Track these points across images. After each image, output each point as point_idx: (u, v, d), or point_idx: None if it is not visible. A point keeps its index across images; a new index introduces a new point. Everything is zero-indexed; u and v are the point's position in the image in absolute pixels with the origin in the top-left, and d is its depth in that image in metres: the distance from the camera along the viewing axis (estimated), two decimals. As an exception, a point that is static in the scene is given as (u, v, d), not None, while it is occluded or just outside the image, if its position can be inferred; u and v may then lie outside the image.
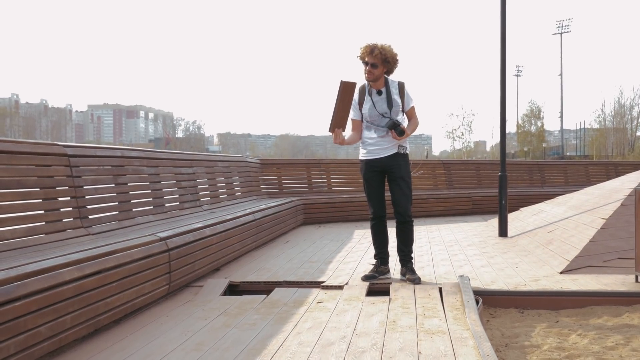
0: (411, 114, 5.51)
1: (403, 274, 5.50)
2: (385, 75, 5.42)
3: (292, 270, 6.04)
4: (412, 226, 5.56)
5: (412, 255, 5.61)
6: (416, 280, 5.30)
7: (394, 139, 5.33)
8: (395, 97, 5.39)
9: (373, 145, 5.47)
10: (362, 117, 5.49)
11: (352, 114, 5.48)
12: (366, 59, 5.30)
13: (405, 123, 5.49)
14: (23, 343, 3.06)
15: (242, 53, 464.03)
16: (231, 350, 3.55)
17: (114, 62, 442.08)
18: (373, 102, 5.37)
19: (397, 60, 5.39)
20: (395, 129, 5.27)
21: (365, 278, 5.46)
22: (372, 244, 5.82)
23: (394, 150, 5.42)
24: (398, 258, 5.64)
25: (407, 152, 5.54)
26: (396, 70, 5.44)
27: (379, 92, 5.38)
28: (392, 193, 5.52)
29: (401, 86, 5.45)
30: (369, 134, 5.48)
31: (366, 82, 5.43)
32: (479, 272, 5.85)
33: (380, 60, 5.27)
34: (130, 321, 4.25)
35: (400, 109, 5.42)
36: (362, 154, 5.57)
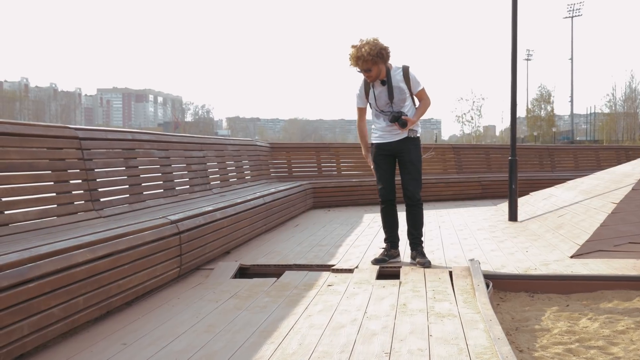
0: (421, 96, 5.47)
1: (413, 257, 5.51)
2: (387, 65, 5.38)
3: (302, 254, 6.06)
4: (421, 209, 5.55)
5: (422, 238, 5.61)
6: (426, 264, 5.31)
7: (400, 130, 5.33)
8: (400, 84, 5.35)
9: (383, 129, 5.48)
10: (367, 105, 5.53)
11: (359, 102, 5.53)
12: (359, 68, 5.25)
13: (416, 105, 5.49)
14: (36, 324, 3.09)
15: (251, 37, 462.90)
16: (242, 332, 3.57)
17: (124, 46, 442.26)
18: (375, 93, 5.38)
19: (388, 51, 5.25)
20: (398, 121, 5.26)
21: (376, 261, 5.47)
22: (382, 228, 5.82)
23: (404, 135, 5.42)
24: (408, 242, 5.64)
25: (418, 135, 5.52)
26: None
27: (382, 82, 5.35)
28: (401, 176, 5.53)
29: (405, 71, 5.38)
30: (378, 122, 5.52)
31: None
32: (489, 256, 5.84)
33: (371, 64, 5.18)
34: (141, 303, 4.28)
35: (407, 95, 5.39)
36: (373, 138, 5.59)
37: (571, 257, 5.69)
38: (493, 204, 11.39)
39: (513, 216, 8.54)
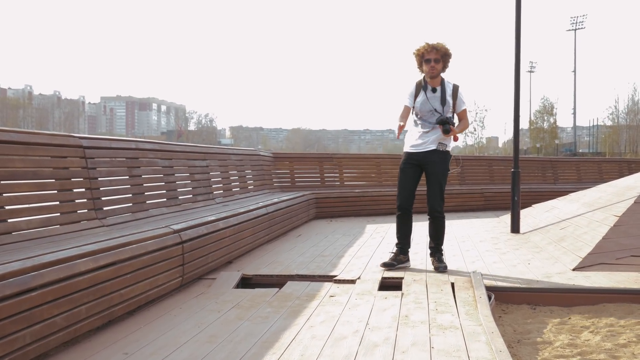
0: (462, 116, 5.74)
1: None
2: (442, 76, 5.65)
3: (305, 264, 6.06)
4: (441, 221, 5.81)
5: (442, 249, 5.87)
6: (440, 269, 5.55)
7: (442, 133, 5.50)
8: (448, 98, 5.60)
9: (415, 139, 5.67)
10: (412, 108, 5.71)
11: (407, 101, 5.71)
12: (428, 57, 5.54)
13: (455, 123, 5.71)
14: (39, 333, 3.09)
15: (255, 46, 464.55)
16: (244, 343, 3.57)
17: (127, 54, 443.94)
18: (427, 97, 5.59)
19: (451, 54, 5.64)
20: (444, 125, 5.44)
21: (384, 265, 5.67)
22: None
23: (433, 147, 5.60)
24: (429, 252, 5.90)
25: (448, 149, 5.70)
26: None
27: (434, 90, 5.60)
28: (427, 187, 5.76)
29: (455, 89, 5.68)
30: (415, 128, 5.72)
31: (423, 78, 5.66)
32: (491, 268, 5.84)
33: (440, 55, 5.54)
34: (144, 313, 4.28)
35: (451, 110, 5.62)
36: (405, 147, 5.79)
37: (573, 269, 5.68)
38: (495, 215, 11.39)
39: (515, 228, 8.54)
